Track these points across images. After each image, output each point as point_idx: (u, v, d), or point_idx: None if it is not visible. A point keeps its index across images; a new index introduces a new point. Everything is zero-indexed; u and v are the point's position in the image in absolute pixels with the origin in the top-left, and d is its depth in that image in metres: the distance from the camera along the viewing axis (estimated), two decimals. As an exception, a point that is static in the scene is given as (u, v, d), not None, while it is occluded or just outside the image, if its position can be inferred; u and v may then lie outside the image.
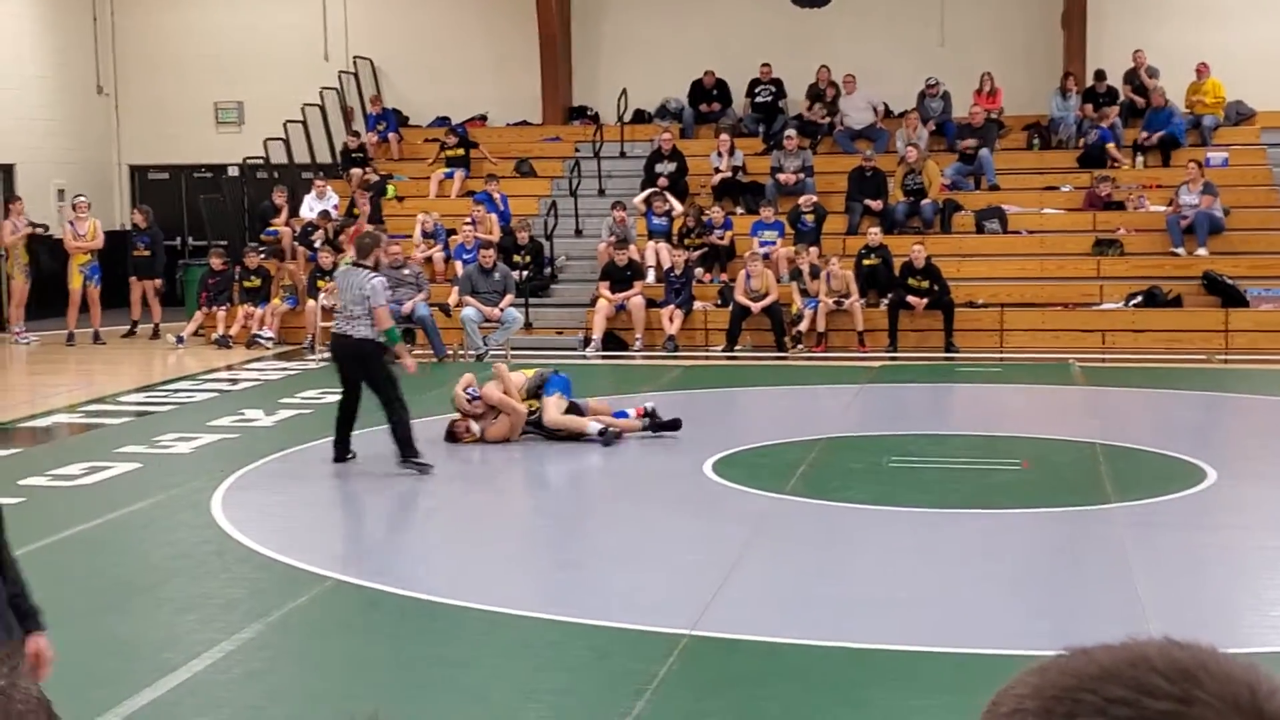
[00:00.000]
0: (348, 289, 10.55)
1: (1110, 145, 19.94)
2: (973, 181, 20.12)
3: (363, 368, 10.49)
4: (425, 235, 19.64)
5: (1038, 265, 18.61)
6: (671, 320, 17.90)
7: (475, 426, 11.66)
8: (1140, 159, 20.14)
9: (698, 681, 6.21)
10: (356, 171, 21.01)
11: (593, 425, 11.71)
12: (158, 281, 20.00)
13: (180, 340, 18.74)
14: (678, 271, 18.12)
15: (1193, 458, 10.71)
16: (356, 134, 22.12)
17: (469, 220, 19.35)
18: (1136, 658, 0.88)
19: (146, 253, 20.00)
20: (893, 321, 17.57)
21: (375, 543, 9.10)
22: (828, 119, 21.17)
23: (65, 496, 10.03)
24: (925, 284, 17.49)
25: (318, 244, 19.44)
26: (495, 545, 9.09)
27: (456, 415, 11.87)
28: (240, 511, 9.52)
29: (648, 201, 19.57)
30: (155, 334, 19.68)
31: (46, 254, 20.10)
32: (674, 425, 11.92)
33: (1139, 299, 17.72)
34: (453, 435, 11.68)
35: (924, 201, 19.25)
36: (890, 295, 17.67)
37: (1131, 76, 20.75)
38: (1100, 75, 20.78)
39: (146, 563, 8.40)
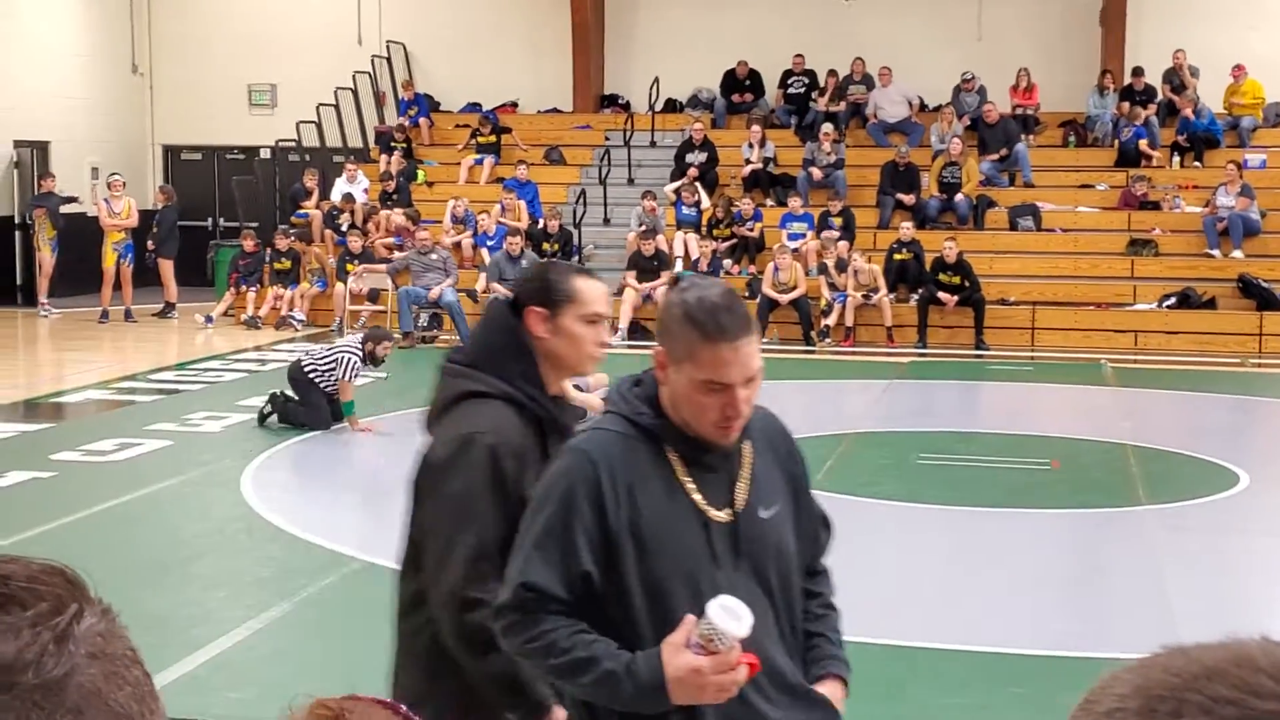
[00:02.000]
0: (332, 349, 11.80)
1: (1144, 143, 19.81)
2: (1007, 178, 20.03)
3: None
4: (455, 220, 19.66)
5: (1071, 264, 18.50)
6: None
7: None
8: (1177, 159, 20.01)
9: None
10: (385, 157, 21.08)
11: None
12: (161, 260, 19.96)
13: (209, 320, 18.79)
14: (705, 262, 18.08)
15: (1225, 461, 10.63)
16: (409, 125, 22.13)
17: (494, 209, 19.37)
18: (1240, 657, 0.86)
19: (154, 230, 20.12)
20: (922, 317, 17.49)
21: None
22: (843, 104, 21.10)
23: (97, 472, 10.08)
24: (956, 280, 17.42)
25: (344, 227, 19.48)
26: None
27: None
28: (269, 491, 9.55)
29: (677, 191, 19.55)
30: (162, 312, 19.67)
31: (77, 231, 20.14)
32: None
33: (1173, 300, 17.60)
34: None
35: (959, 197, 19.17)
36: (921, 290, 17.60)
37: (1171, 76, 20.61)
38: (1138, 73, 20.65)
39: (177, 539, 8.44)
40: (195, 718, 5.36)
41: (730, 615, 2.49)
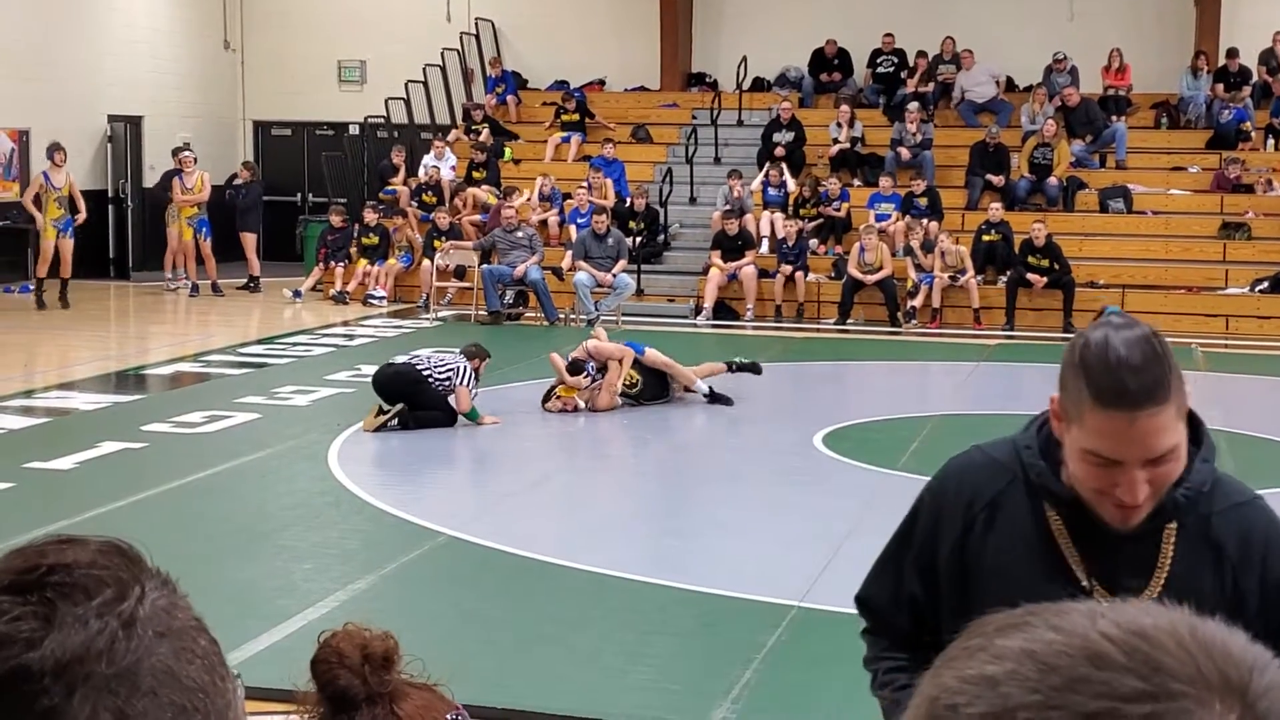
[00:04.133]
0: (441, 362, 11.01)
1: (1246, 124, 19.42)
2: (1098, 159, 19.75)
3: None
4: (542, 198, 19.72)
5: (1162, 247, 18.22)
6: (784, 290, 17.82)
7: (581, 402, 11.59)
8: (1271, 142, 19.63)
9: (807, 654, 6.18)
10: (465, 137, 21.22)
11: (700, 384, 11.93)
12: (244, 235, 20.26)
13: (297, 295, 19.01)
14: (791, 242, 18.02)
15: (1319, 449, 10.44)
16: (496, 103, 22.25)
17: (583, 185, 19.40)
18: (1093, 652, 0.76)
19: (237, 206, 20.39)
20: (1010, 299, 17.31)
21: (488, 501, 9.17)
22: (931, 85, 20.89)
23: (186, 443, 10.24)
24: (1045, 262, 17.21)
25: (419, 202, 19.68)
26: (605, 509, 9.13)
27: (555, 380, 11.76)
28: (356, 465, 9.65)
29: (764, 175, 19.47)
30: (246, 285, 19.90)
31: (163, 206, 20.43)
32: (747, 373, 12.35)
33: (1265, 285, 17.30)
34: (549, 400, 11.61)
35: (1049, 179, 18.93)
36: (1009, 272, 17.42)
37: (1267, 57, 20.21)
38: (1233, 54, 20.26)
39: (264, 511, 8.56)
40: (281, 688, 5.44)
41: None
